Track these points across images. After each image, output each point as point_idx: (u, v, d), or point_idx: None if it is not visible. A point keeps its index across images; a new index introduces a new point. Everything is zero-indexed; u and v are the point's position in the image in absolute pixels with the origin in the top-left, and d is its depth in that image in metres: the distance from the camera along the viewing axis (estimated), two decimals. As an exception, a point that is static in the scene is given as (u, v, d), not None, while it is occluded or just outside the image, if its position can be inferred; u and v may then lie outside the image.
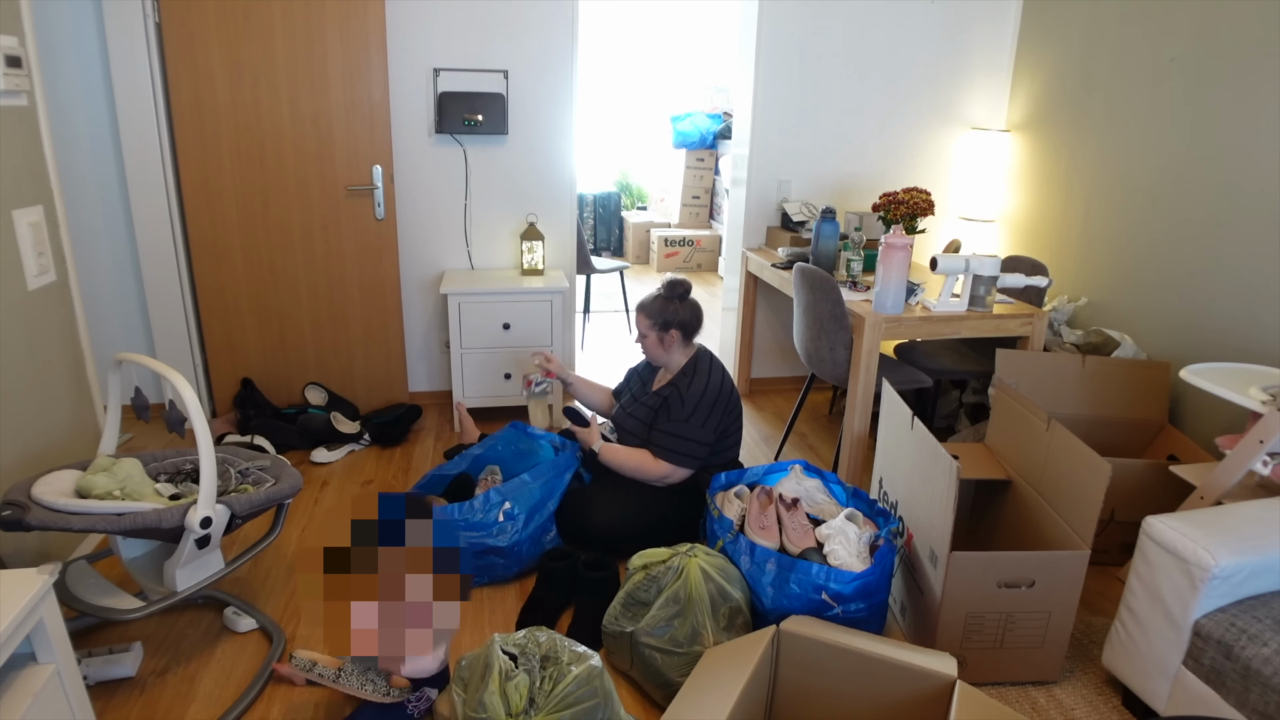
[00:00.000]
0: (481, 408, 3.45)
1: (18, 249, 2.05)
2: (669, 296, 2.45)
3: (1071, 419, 2.70)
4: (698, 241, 6.71)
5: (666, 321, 2.43)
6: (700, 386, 2.40)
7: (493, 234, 3.50)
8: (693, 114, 6.84)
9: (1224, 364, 2.33)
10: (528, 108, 3.35)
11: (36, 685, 1.38)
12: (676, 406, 2.40)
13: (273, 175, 3.08)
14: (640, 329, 2.48)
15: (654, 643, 1.84)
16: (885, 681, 1.66)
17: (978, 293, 2.70)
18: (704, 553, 1.93)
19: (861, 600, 1.85)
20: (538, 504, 2.32)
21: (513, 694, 1.48)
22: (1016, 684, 1.98)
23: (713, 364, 2.48)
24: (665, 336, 2.44)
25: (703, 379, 2.42)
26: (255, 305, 3.20)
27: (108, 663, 1.86)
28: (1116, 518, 2.42)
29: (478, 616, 2.19)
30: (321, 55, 2.99)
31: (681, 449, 2.38)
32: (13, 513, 1.64)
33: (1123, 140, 3.06)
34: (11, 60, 2.02)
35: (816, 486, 2.29)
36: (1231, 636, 1.59)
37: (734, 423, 2.49)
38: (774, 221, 3.75)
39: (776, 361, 3.98)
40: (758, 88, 3.53)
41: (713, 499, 2.21)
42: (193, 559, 1.82)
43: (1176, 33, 2.81)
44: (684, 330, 2.45)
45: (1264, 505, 1.80)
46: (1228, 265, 2.63)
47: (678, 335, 2.45)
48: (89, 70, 2.95)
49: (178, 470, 2.06)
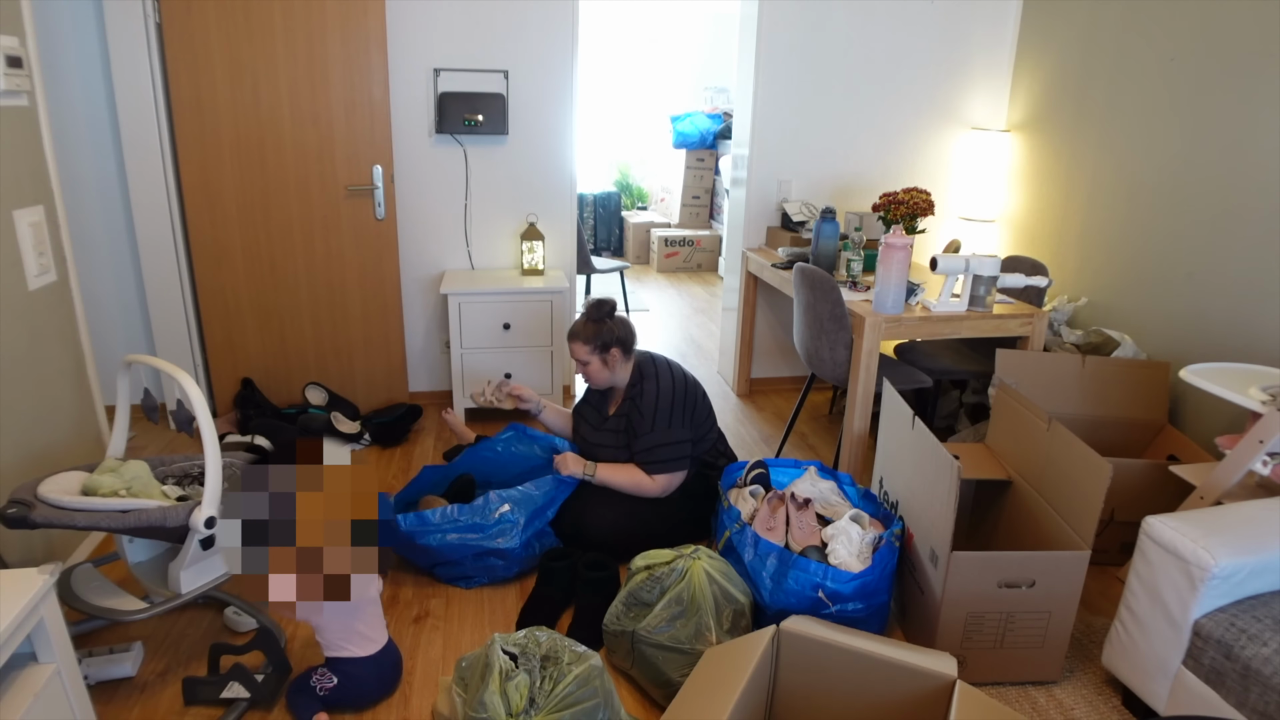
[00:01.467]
0: (481, 408, 3.45)
1: (18, 249, 2.05)
2: (598, 318, 2.38)
3: (1071, 419, 2.70)
4: (698, 241, 6.72)
5: (605, 343, 2.36)
6: (654, 392, 2.37)
7: (493, 234, 3.50)
8: (693, 114, 6.84)
9: (1224, 364, 2.33)
10: (528, 108, 3.35)
11: (37, 685, 1.38)
12: (639, 420, 2.37)
13: (273, 175, 3.08)
14: (579, 358, 2.39)
15: (655, 642, 1.84)
16: (885, 681, 1.66)
17: (978, 293, 2.71)
18: (708, 555, 1.93)
19: (860, 600, 1.86)
20: (538, 509, 2.32)
21: (513, 694, 1.48)
22: (1016, 684, 1.99)
23: (656, 363, 2.44)
24: (607, 357, 2.38)
25: (653, 385, 2.38)
26: (255, 305, 3.21)
27: (108, 662, 1.86)
28: (1116, 518, 2.42)
29: (478, 616, 2.19)
30: (322, 55, 2.99)
31: (666, 456, 2.36)
32: (18, 510, 1.64)
33: (1123, 140, 3.06)
34: (12, 60, 2.03)
35: (831, 488, 2.31)
36: (1231, 636, 1.59)
37: (702, 408, 2.48)
38: (774, 221, 3.75)
39: (776, 361, 3.98)
40: (758, 88, 3.53)
41: (725, 493, 2.23)
42: (197, 560, 1.82)
43: (1176, 33, 2.81)
44: (623, 347, 2.39)
45: (1264, 505, 1.80)
46: (1228, 265, 2.63)
47: (619, 353, 2.39)
48: (89, 70, 2.95)
49: (185, 474, 2.06)
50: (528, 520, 2.27)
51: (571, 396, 3.72)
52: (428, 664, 1.99)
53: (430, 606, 2.22)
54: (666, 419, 2.36)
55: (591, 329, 2.37)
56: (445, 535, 2.21)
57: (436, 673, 1.96)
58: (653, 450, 2.36)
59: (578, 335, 2.39)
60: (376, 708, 1.84)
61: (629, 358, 2.44)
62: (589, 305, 2.42)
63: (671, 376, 2.42)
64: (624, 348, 2.40)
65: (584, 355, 2.39)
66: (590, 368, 2.40)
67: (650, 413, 2.36)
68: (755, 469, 2.37)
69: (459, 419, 2.93)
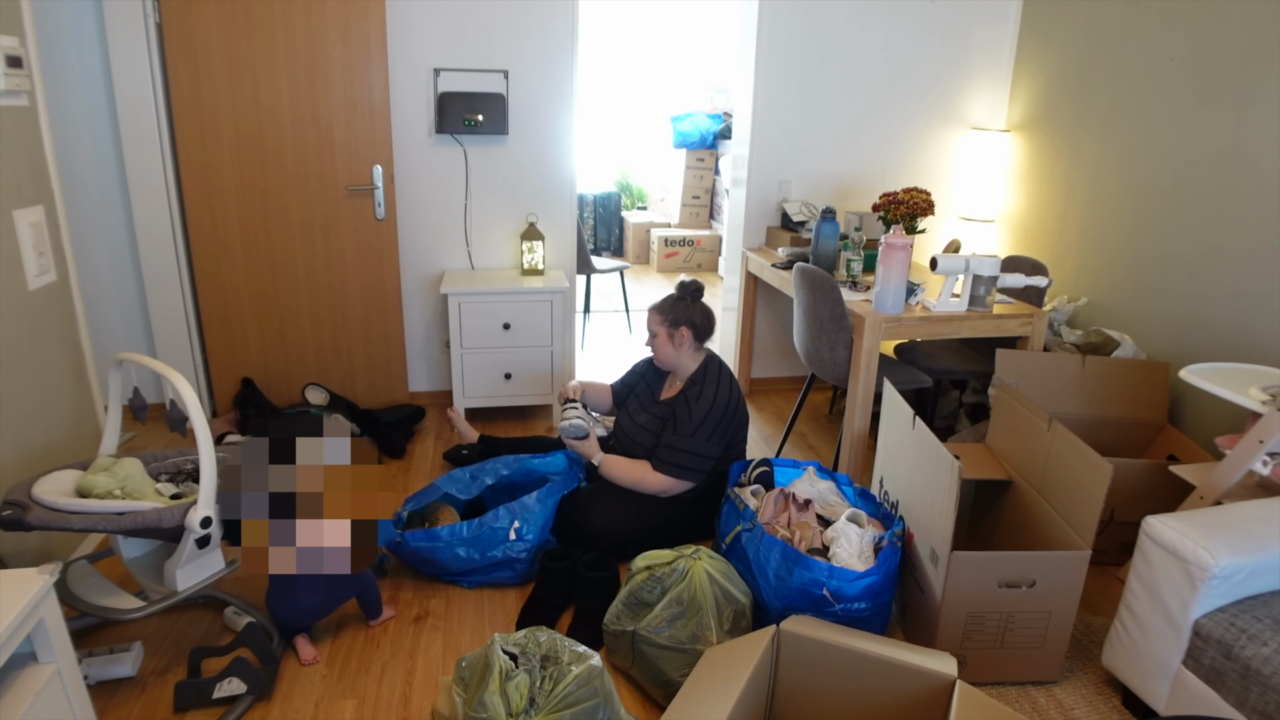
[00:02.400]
0: (481, 408, 3.45)
1: (18, 249, 2.05)
2: (681, 295, 2.45)
3: (1071, 419, 2.70)
4: (698, 241, 6.71)
5: (677, 319, 2.41)
6: (709, 400, 2.37)
7: (493, 234, 3.50)
8: (693, 114, 6.84)
9: (1224, 364, 2.33)
10: (528, 108, 3.35)
11: (37, 685, 1.38)
12: (684, 419, 2.37)
13: (273, 175, 3.08)
14: (650, 327, 2.46)
15: (655, 642, 1.84)
16: (885, 681, 1.66)
17: (978, 293, 2.70)
18: (709, 556, 1.93)
19: (865, 600, 1.86)
20: (546, 522, 2.32)
21: (513, 694, 1.48)
22: (1016, 684, 1.98)
23: (721, 373, 2.44)
24: (675, 334, 2.41)
25: (711, 391, 2.39)
26: (255, 305, 3.21)
27: (108, 662, 1.86)
28: (1116, 518, 2.42)
29: (478, 616, 2.19)
30: (322, 55, 2.99)
31: (688, 464, 2.36)
32: (13, 512, 1.64)
33: (1123, 140, 3.06)
34: (12, 60, 2.03)
35: (830, 488, 2.31)
36: (1231, 636, 1.59)
37: (740, 433, 2.48)
38: (774, 221, 3.75)
39: (776, 361, 3.98)
40: (758, 88, 3.53)
41: (734, 491, 2.23)
42: (193, 559, 1.82)
43: (1177, 33, 2.81)
44: (695, 330, 2.42)
45: (1264, 505, 1.80)
46: (1228, 265, 2.63)
47: (688, 334, 2.42)
48: (89, 70, 2.95)
49: (179, 470, 2.06)
50: (537, 535, 2.28)
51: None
52: (428, 664, 1.99)
53: (430, 606, 2.22)
54: (709, 430, 2.36)
55: (670, 303, 2.43)
56: (454, 549, 2.22)
57: (436, 673, 1.96)
58: (676, 451, 2.36)
59: (657, 306, 2.45)
60: (377, 708, 1.84)
61: (699, 348, 2.47)
62: (679, 283, 2.48)
63: (730, 391, 2.42)
64: (696, 332, 2.43)
65: (655, 326, 2.44)
66: (658, 339, 2.45)
67: (697, 418, 2.36)
68: (759, 467, 2.37)
69: (462, 417, 2.93)
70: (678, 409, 2.40)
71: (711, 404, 2.37)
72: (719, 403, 2.38)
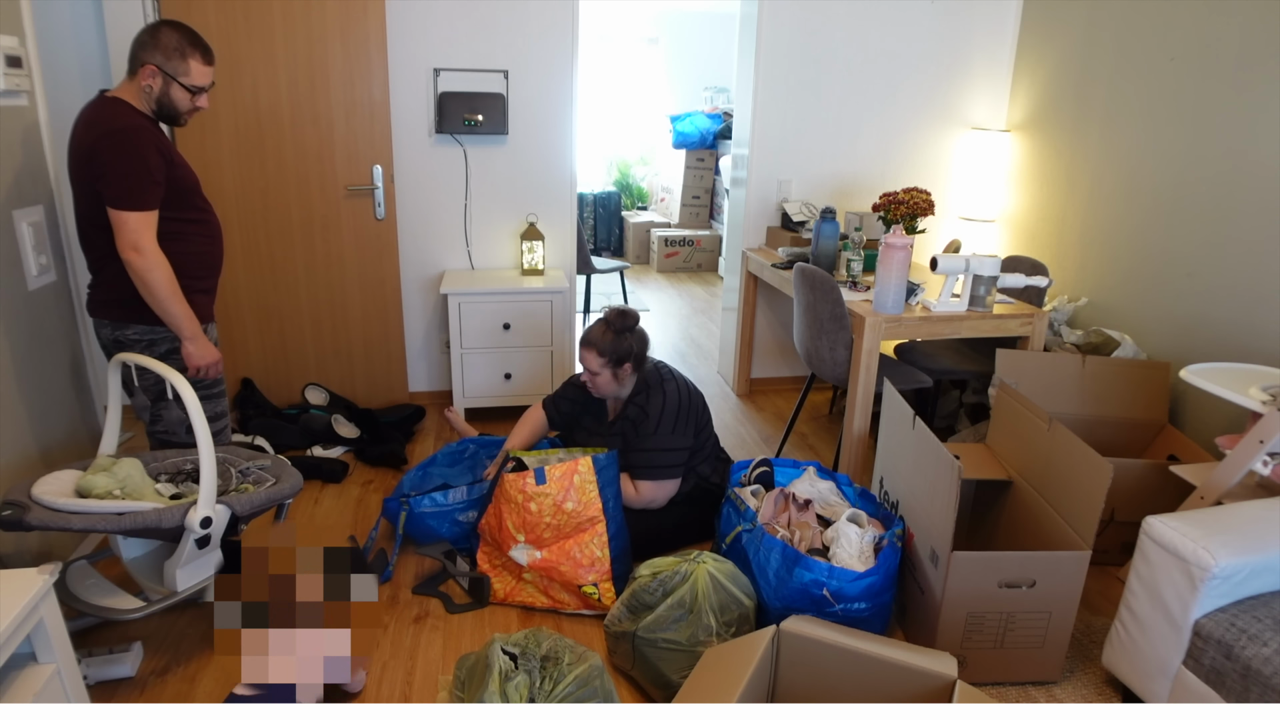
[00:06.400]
0: (481, 408, 3.45)
1: (18, 249, 2.05)
2: (619, 330, 2.30)
3: (1071, 419, 2.70)
4: (698, 241, 6.72)
5: (620, 358, 2.30)
6: (660, 401, 2.35)
7: (493, 234, 3.50)
8: (693, 114, 6.84)
9: (1224, 364, 2.33)
10: (528, 108, 3.35)
11: (37, 685, 1.38)
12: (644, 426, 2.35)
13: (273, 175, 3.08)
14: (590, 368, 2.32)
15: (656, 642, 1.84)
16: (885, 681, 1.66)
17: (978, 293, 2.70)
18: (712, 560, 1.93)
19: (865, 600, 1.86)
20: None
21: (513, 694, 1.48)
22: (1016, 684, 1.98)
23: (662, 373, 2.42)
24: (619, 371, 2.33)
25: (659, 394, 2.36)
26: (255, 305, 3.20)
27: (108, 663, 1.86)
28: (1116, 518, 2.42)
29: (478, 616, 2.19)
30: (321, 55, 2.99)
31: (663, 462, 2.35)
32: (13, 513, 1.64)
33: (1123, 140, 3.06)
34: (11, 60, 2.03)
35: (830, 489, 2.31)
36: (1231, 636, 1.59)
37: (704, 415, 2.48)
38: (774, 221, 3.75)
39: (776, 361, 3.98)
40: (758, 88, 3.53)
41: (734, 491, 2.23)
42: (193, 559, 1.83)
43: (1177, 32, 2.81)
44: (637, 363, 2.36)
45: (1264, 505, 1.80)
46: (1228, 265, 2.63)
47: (631, 368, 2.35)
48: (89, 70, 2.94)
49: (178, 470, 2.06)
50: None
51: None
52: (428, 664, 1.99)
53: (430, 606, 2.22)
54: (670, 424, 2.36)
55: (610, 341, 2.29)
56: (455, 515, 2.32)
57: (436, 673, 1.96)
58: (650, 455, 2.35)
59: (594, 344, 2.30)
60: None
61: (639, 372, 2.41)
62: (613, 314, 2.32)
63: (677, 386, 2.40)
64: (638, 364, 2.36)
65: (596, 366, 2.31)
66: (599, 379, 2.34)
67: (654, 418, 2.35)
68: (759, 467, 2.37)
69: (461, 417, 2.93)
70: (635, 420, 2.38)
71: (664, 403, 2.35)
72: (671, 399, 2.36)
